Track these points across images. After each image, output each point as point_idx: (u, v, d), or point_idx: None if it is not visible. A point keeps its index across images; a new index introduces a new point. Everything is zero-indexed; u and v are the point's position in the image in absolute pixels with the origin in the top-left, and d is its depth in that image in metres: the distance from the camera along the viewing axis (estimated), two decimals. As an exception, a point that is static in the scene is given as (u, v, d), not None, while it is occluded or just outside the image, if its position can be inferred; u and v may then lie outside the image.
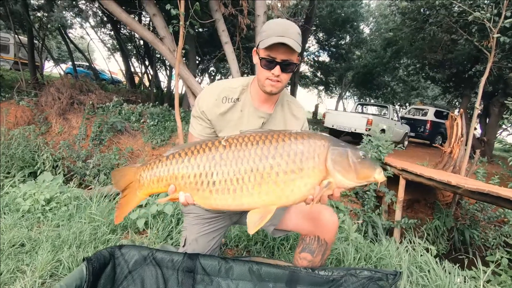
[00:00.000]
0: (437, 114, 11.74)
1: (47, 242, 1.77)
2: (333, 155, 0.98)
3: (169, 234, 2.20)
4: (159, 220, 2.27)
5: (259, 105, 1.35)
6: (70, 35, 14.92)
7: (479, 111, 6.30)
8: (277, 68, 1.18)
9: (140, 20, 11.87)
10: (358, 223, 3.74)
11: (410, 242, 2.52)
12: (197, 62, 14.78)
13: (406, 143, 10.15)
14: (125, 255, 1.28)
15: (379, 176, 1.00)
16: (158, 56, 13.14)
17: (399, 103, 22.83)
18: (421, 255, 2.29)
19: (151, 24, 9.07)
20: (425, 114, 12.00)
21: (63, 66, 19.36)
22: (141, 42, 13.36)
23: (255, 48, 1.26)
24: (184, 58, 13.11)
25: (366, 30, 19.02)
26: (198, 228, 1.46)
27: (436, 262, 2.22)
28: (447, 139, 5.83)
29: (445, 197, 5.48)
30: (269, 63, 1.18)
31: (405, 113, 13.35)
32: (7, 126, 6.18)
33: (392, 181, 4.85)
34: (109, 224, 2.11)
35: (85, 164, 5.32)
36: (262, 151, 0.97)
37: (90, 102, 6.30)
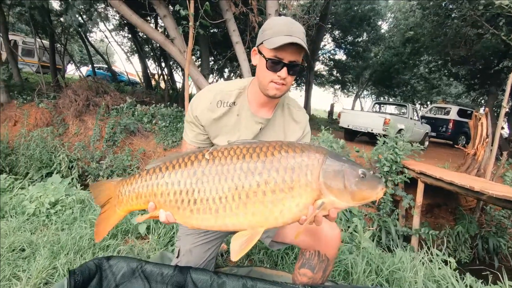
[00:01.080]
0: (461, 112, 11.16)
1: (45, 247, 1.75)
2: (326, 173, 0.86)
3: (171, 240, 2.14)
4: (161, 226, 2.22)
5: (256, 109, 1.26)
6: (90, 39, 15.45)
7: (507, 110, 5.89)
8: (284, 70, 1.08)
9: (156, 23, 12.07)
10: (371, 229, 3.56)
11: (427, 253, 2.33)
12: (212, 62, 14.87)
13: (426, 143, 9.70)
14: (113, 267, 1.22)
15: (380, 194, 0.88)
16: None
17: (419, 102, 21.99)
18: (439, 268, 2.11)
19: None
20: (448, 113, 11.44)
21: (85, 68, 20.10)
22: (158, 44, 13.54)
23: (255, 48, 1.17)
24: (199, 59, 13.21)
25: (384, 27, 18.43)
26: (193, 239, 1.38)
27: (456, 276, 2.04)
28: (471, 140, 5.48)
29: (468, 202, 5.15)
30: (276, 65, 1.08)
31: (426, 112, 12.80)
32: (28, 128, 6.43)
33: (410, 184, 4.61)
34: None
35: (98, 165, 5.41)
36: (248, 167, 0.87)
37: (104, 104, 6.42)
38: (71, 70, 17.83)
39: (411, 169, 4.45)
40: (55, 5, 11.35)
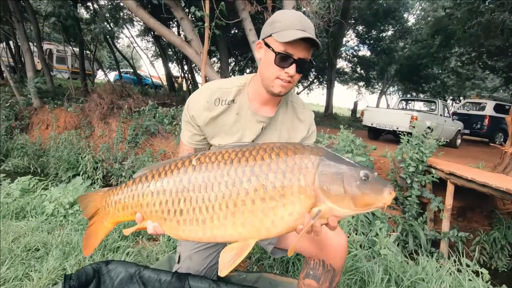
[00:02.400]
0: (498, 108, 10.32)
1: (57, 248, 1.79)
2: (322, 177, 0.77)
3: (181, 242, 2.12)
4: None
5: (258, 107, 1.18)
6: (118, 45, 16.18)
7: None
8: (293, 66, 1.01)
9: (179, 27, 12.33)
10: (395, 234, 3.34)
11: (456, 262, 2.13)
12: (233, 63, 14.97)
13: (458, 141, 9.09)
14: (111, 272, 1.20)
15: (387, 199, 0.77)
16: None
17: (451, 97, 20.71)
18: (469, 280, 1.91)
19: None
20: (483, 108, 10.63)
21: (114, 73, 21.07)
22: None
23: (260, 40, 1.08)
24: (219, 61, 13.32)
25: (411, 19, 17.57)
26: (192, 244, 1.33)
27: (488, 288, 1.84)
28: (509, 137, 5.02)
29: (506, 205, 4.71)
30: (284, 60, 1.00)
31: (458, 108, 12.00)
32: (58, 131, 6.79)
33: (439, 185, 4.30)
34: (120, 230, 2.10)
35: (121, 165, 5.59)
36: (236, 173, 0.80)
37: (126, 107, 6.62)
38: (101, 75, 18.74)
39: (440, 169, 4.15)
40: (86, 14, 11.96)
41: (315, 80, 21.83)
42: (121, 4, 9.22)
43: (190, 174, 0.84)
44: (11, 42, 12.04)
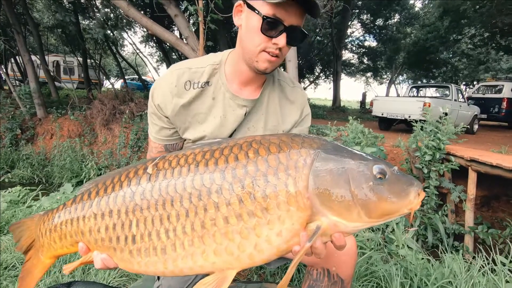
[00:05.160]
0: (516, 89, 9.79)
1: (33, 265, 1.62)
2: (318, 178, 0.55)
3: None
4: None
5: (238, 89, 0.96)
6: (123, 53, 16.29)
7: None
8: (283, 36, 0.79)
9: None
10: (414, 229, 3.06)
11: (488, 260, 1.85)
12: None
13: (476, 127, 8.64)
14: (73, 296, 1.01)
15: (415, 203, 0.55)
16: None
17: (464, 82, 19.92)
18: (506, 281, 1.64)
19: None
20: (500, 90, 10.11)
21: (121, 81, 21.35)
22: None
23: (241, 2, 0.85)
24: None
25: (418, 4, 16.98)
26: (173, 257, 1.13)
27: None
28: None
29: (535, 191, 4.34)
30: (273, 28, 0.78)
31: (472, 93, 11.47)
32: (62, 139, 6.75)
33: (459, 174, 3.98)
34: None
35: (124, 171, 5.48)
36: (203, 181, 0.59)
37: (128, 111, 6.52)
38: (108, 84, 18.98)
39: (459, 156, 3.82)
40: (86, 22, 12.02)
41: (321, 74, 21.44)
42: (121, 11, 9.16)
43: (144, 187, 0.63)
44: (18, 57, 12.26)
